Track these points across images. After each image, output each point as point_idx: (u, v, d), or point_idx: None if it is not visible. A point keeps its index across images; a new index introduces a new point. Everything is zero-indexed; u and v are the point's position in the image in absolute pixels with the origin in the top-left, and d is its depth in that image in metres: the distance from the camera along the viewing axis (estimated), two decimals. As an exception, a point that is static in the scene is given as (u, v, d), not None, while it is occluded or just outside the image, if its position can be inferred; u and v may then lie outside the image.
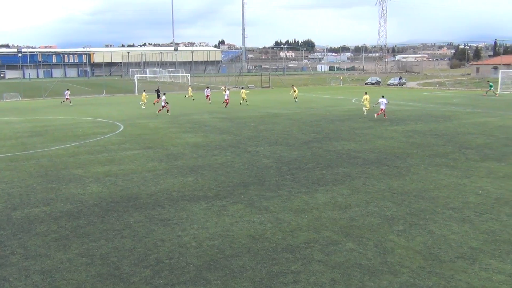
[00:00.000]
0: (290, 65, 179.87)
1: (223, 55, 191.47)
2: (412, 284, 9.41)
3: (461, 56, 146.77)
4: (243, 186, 16.78)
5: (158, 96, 49.72)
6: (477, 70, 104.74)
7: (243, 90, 50.82)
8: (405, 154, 22.00)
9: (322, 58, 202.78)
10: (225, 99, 45.81)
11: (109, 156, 22.37)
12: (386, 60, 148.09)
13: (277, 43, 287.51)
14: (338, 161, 20.70)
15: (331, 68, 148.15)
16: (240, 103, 47.49)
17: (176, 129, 31.14)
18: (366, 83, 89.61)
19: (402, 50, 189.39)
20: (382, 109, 35.17)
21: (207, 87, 55.91)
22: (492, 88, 60.17)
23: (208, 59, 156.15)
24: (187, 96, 58.53)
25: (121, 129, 31.71)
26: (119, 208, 14.53)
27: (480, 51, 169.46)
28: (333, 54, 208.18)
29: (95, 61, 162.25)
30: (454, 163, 20.16)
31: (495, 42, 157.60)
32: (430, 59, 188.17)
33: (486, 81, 62.84)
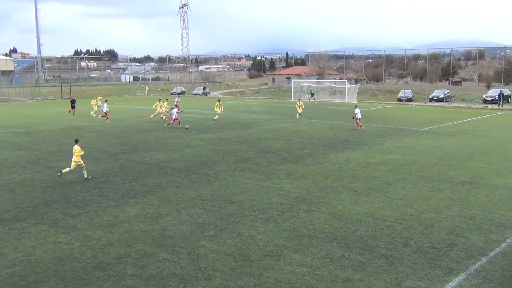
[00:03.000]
0: (92, 75, 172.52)
1: (15, 65, 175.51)
2: (225, 286, 9.74)
3: (259, 67, 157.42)
4: (45, 205, 15.59)
5: (73, 107, 48.07)
6: (273, 80, 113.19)
7: None
8: (212, 161, 22.74)
9: (126, 68, 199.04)
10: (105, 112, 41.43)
11: None
12: (190, 70, 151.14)
13: (77, 52, 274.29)
14: (147, 172, 20.50)
15: (136, 79, 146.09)
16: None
17: (-38, 147, 27.61)
18: (171, 93, 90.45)
19: (205, 61, 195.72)
20: (359, 118, 34.71)
21: (106, 101, 44.73)
22: (314, 96, 65.81)
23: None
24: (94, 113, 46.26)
25: None
26: None
27: (275, 62, 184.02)
28: (137, 64, 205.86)
29: None
30: (258, 167, 21.47)
31: (287, 54, 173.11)
32: (231, 70, 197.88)
33: (309, 89, 68.94)
